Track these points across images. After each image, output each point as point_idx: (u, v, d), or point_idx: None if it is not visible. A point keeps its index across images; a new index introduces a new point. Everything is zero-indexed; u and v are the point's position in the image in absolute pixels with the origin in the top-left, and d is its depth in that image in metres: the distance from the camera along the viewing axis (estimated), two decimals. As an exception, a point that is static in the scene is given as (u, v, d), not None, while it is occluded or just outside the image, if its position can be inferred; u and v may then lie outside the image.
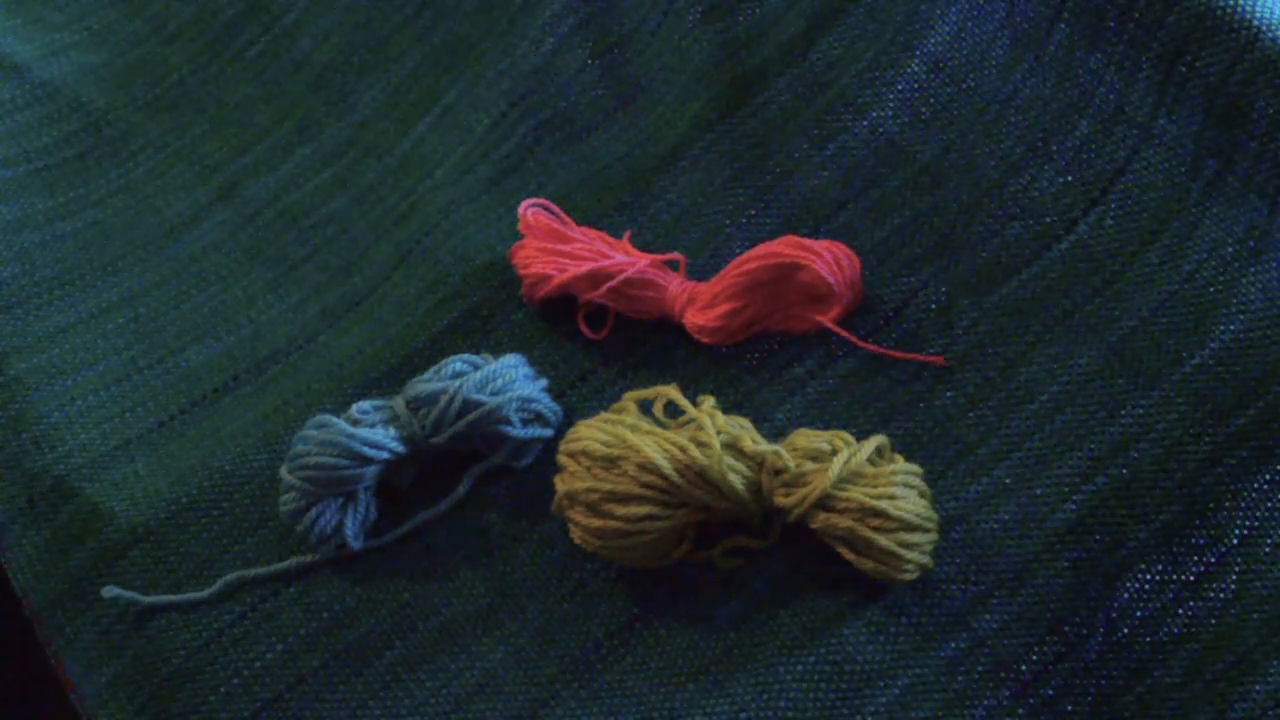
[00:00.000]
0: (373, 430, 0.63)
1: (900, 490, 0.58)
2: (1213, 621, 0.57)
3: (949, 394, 0.65)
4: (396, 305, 0.73)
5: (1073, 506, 0.61)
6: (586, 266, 0.68)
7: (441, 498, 0.65)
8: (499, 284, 0.72)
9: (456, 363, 0.65)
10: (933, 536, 0.59)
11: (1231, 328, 0.62)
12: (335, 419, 0.63)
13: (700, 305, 0.67)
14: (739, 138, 0.74)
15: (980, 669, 0.58)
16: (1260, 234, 0.63)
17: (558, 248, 0.69)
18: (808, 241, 0.66)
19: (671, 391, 0.62)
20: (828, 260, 0.65)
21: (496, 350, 0.68)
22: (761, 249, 0.67)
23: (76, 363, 0.74)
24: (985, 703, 0.57)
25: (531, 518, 0.64)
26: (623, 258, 0.69)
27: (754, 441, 0.60)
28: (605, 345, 0.69)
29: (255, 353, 0.73)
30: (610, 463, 0.59)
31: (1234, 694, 0.56)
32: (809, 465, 0.59)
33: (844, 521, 0.58)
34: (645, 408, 0.63)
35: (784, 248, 0.66)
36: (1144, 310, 0.64)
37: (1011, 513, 0.61)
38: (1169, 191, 0.66)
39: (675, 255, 0.69)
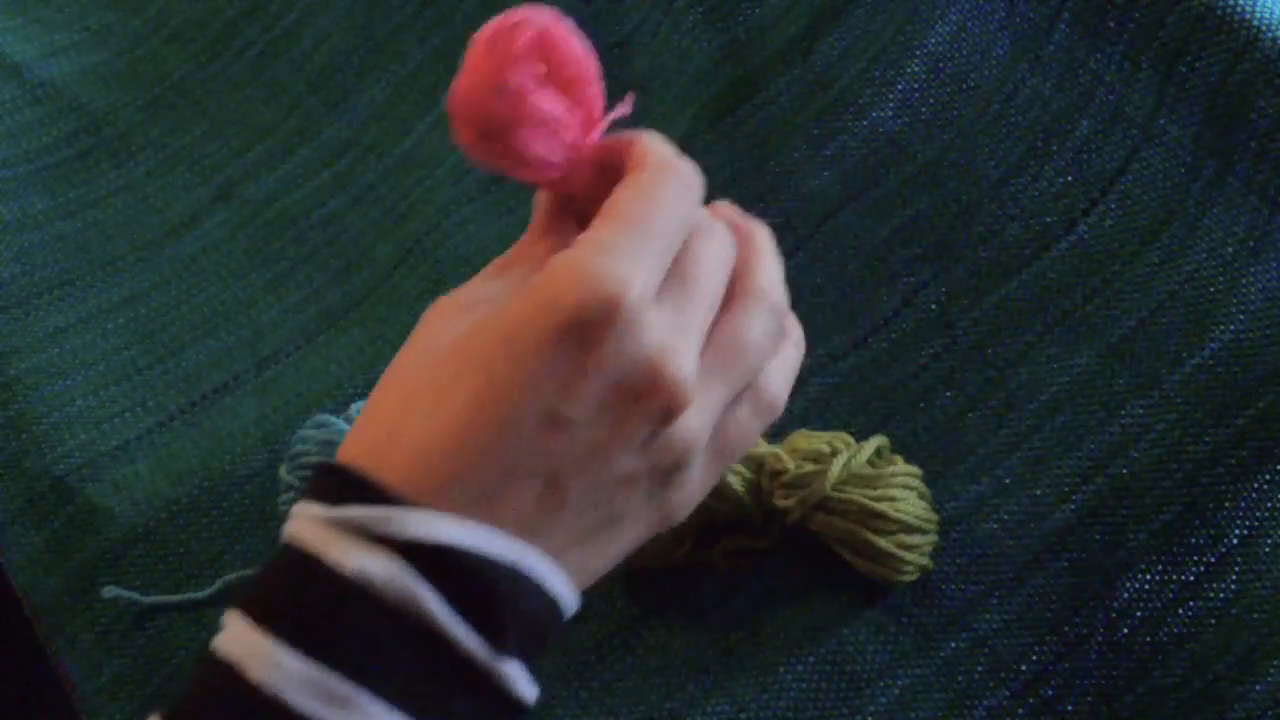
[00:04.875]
0: (373, 430, 0.63)
1: (900, 492, 0.58)
2: (1213, 621, 0.57)
3: (949, 394, 0.65)
4: (396, 305, 0.73)
5: (1073, 506, 0.61)
6: None
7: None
8: (499, 284, 0.72)
9: (456, 363, 0.65)
10: (932, 538, 0.59)
11: (1231, 328, 0.62)
12: (335, 419, 0.63)
13: None
14: (739, 138, 0.74)
15: (980, 669, 0.58)
16: (1260, 234, 0.63)
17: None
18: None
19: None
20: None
21: (496, 350, 0.68)
22: None
23: (76, 363, 0.74)
24: (985, 703, 0.57)
25: (531, 518, 0.64)
26: None
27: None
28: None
29: (255, 353, 0.73)
30: (610, 463, 0.59)
31: (1234, 694, 0.56)
32: (808, 467, 0.59)
33: (844, 523, 0.58)
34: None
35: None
36: (1144, 310, 0.64)
37: (1011, 513, 0.61)
38: (1169, 191, 0.66)
39: None
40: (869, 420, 0.65)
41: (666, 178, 0.43)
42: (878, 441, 0.60)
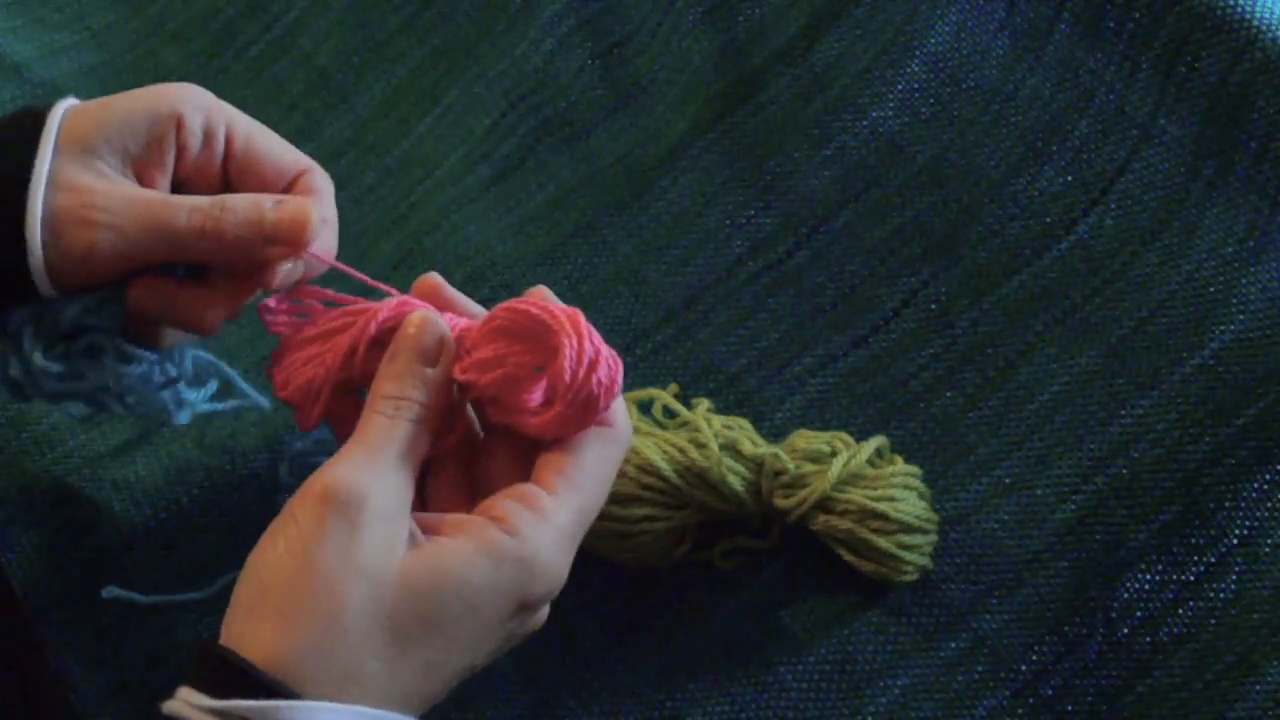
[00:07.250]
0: (373, 430, 0.62)
1: (900, 492, 0.58)
2: (1213, 621, 0.57)
3: (949, 394, 0.65)
4: (396, 305, 0.73)
5: (1073, 506, 0.61)
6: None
7: (441, 498, 0.65)
8: (499, 284, 0.72)
9: (456, 363, 0.65)
10: (932, 538, 0.59)
11: (1231, 328, 0.62)
12: (335, 419, 0.63)
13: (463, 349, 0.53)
14: (739, 138, 0.74)
15: (980, 669, 0.58)
16: (1260, 234, 0.63)
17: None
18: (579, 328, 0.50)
19: (665, 395, 0.62)
20: (573, 349, 0.49)
21: (496, 350, 0.68)
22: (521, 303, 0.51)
23: (76, 363, 0.74)
24: (985, 703, 0.57)
25: (531, 518, 0.64)
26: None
27: (753, 443, 0.60)
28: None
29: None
30: (610, 463, 0.59)
31: (1234, 694, 0.56)
32: (808, 467, 0.59)
33: (843, 523, 0.58)
34: (644, 408, 0.63)
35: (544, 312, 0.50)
36: (1144, 310, 0.64)
37: (1011, 513, 0.61)
38: (1169, 191, 0.66)
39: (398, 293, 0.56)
40: (869, 420, 0.65)
41: (620, 446, 0.50)
42: (878, 441, 0.60)
